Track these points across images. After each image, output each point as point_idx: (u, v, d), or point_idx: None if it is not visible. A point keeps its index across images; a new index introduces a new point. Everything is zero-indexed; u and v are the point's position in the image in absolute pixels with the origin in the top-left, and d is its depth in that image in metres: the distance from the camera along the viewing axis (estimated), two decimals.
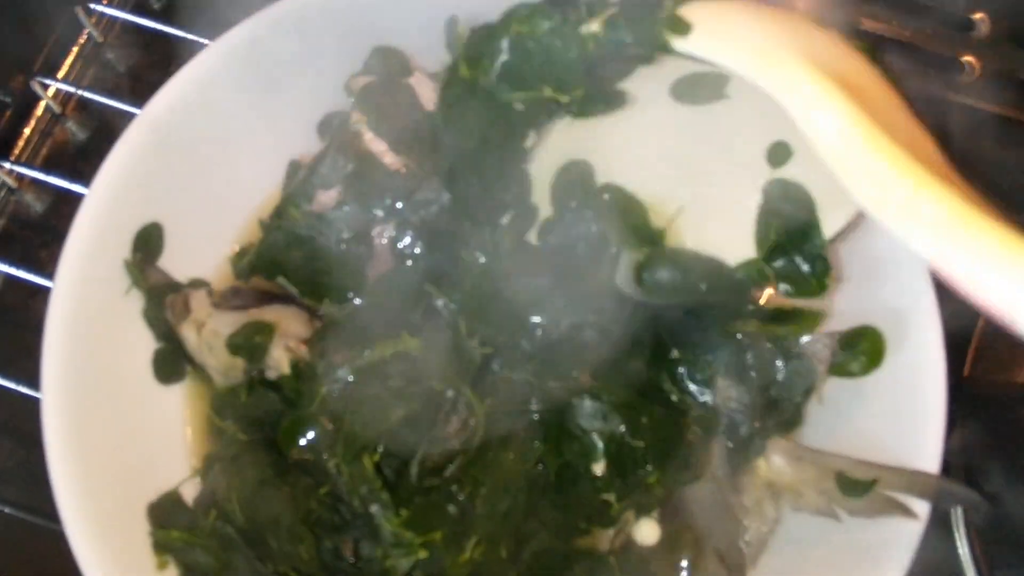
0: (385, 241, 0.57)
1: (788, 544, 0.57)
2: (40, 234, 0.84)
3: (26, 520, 0.72)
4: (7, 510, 0.71)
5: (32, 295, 0.81)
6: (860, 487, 0.54)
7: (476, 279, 0.54)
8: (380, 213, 0.56)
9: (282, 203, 0.59)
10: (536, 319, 0.54)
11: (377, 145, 0.58)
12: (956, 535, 0.68)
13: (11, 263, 0.79)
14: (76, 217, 0.57)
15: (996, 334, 0.70)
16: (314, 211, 0.57)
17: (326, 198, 0.57)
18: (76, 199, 0.82)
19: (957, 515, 0.67)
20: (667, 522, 0.56)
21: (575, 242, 0.55)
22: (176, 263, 0.62)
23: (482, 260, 0.54)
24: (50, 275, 0.78)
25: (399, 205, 0.56)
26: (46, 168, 0.84)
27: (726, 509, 0.58)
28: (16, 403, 0.74)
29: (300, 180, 0.58)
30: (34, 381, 0.73)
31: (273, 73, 0.63)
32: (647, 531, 0.56)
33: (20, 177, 0.84)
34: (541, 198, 0.57)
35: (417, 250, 0.56)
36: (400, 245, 0.56)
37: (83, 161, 0.86)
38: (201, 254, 0.64)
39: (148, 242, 0.59)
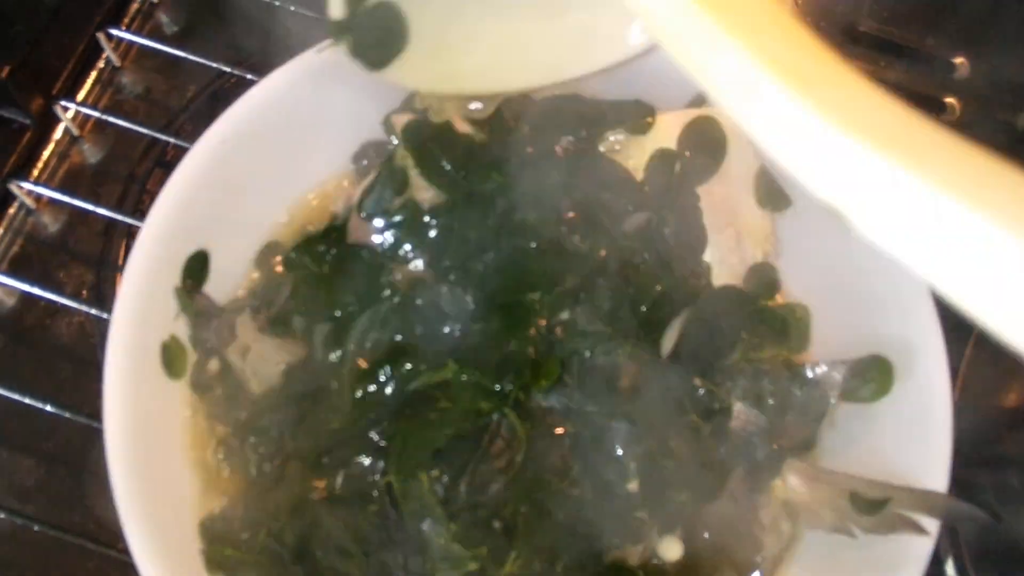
0: (430, 271, 0.60)
1: (804, 560, 0.61)
2: (57, 254, 0.85)
3: (50, 535, 0.73)
4: (35, 527, 0.73)
5: (51, 315, 0.83)
6: (873, 506, 0.58)
7: None
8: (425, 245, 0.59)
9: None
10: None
11: (419, 181, 0.61)
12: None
13: (30, 282, 0.80)
14: (134, 248, 0.59)
15: (983, 362, 0.75)
16: (361, 242, 0.60)
17: (373, 229, 0.60)
18: (92, 219, 0.85)
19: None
20: (688, 539, 0.59)
21: None
22: (217, 288, 0.65)
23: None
24: (68, 295, 0.81)
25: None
26: (63, 189, 0.85)
27: (744, 526, 0.61)
28: (37, 422, 0.76)
29: (346, 208, 0.61)
30: (54, 400, 0.74)
31: (316, 107, 0.65)
32: (671, 547, 0.59)
33: (38, 198, 0.85)
34: None
35: (462, 279, 0.59)
36: (446, 275, 0.59)
37: (98, 183, 0.88)
38: (239, 279, 0.66)
39: (196, 269, 0.62)
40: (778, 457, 0.61)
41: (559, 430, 0.57)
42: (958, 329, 0.76)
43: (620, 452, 0.57)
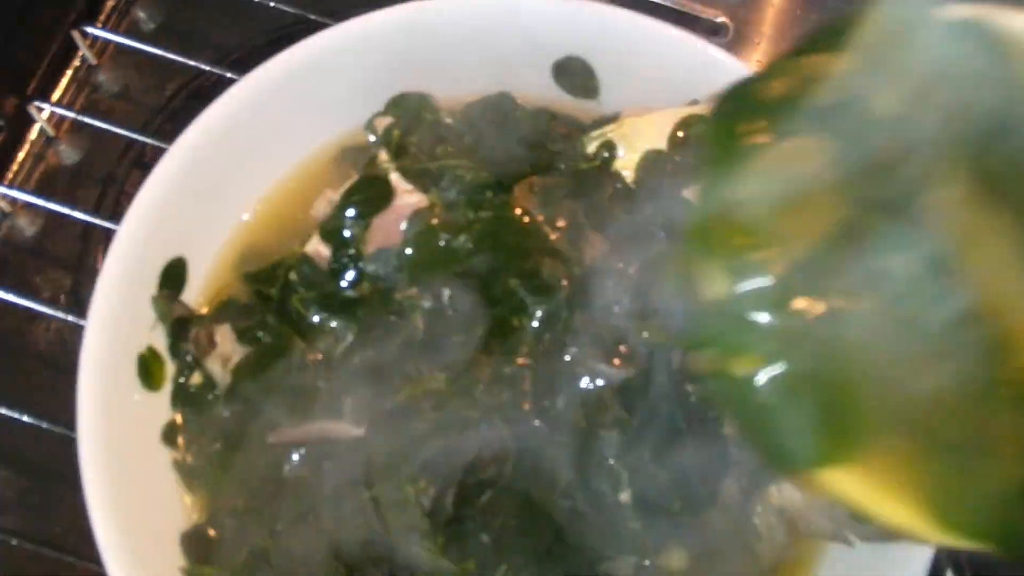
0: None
1: (801, 569, 0.60)
2: (34, 259, 0.83)
3: (28, 549, 0.71)
4: (12, 541, 0.71)
5: (28, 321, 0.81)
6: None
7: None
8: None
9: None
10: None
11: (402, 184, 0.59)
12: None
13: (5, 288, 0.78)
14: (108, 253, 0.57)
15: None
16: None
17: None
18: (69, 223, 0.83)
19: None
20: (692, 548, 0.58)
21: None
22: (196, 295, 0.63)
23: None
24: (44, 301, 0.79)
25: None
26: (39, 192, 0.83)
27: (738, 535, 0.60)
28: (14, 432, 0.74)
29: (328, 216, 0.59)
30: (32, 409, 0.73)
31: (298, 106, 0.64)
32: (676, 557, 0.58)
33: (13, 201, 0.83)
34: None
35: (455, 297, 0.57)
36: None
37: (76, 185, 0.86)
38: (219, 286, 0.64)
39: (174, 277, 0.60)
40: None
41: (550, 440, 0.56)
42: None
43: (612, 462, 0.56)
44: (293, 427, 0.57)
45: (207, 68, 0.86)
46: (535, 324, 0.56)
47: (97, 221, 0.81)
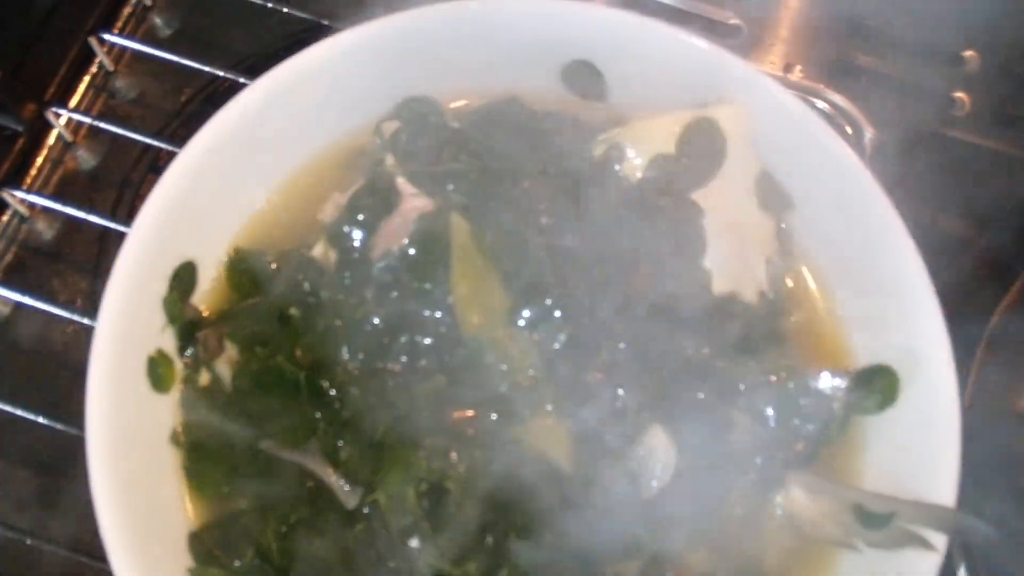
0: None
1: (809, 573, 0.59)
2: (52, 263, 0.84)
3: (43, 549, 0.72)
4: (27, 541, 0.72)
5: (45, 324, 0.82)
6: (878, 520, 0.56)
7: None
8: None
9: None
10: None
11: (408, 188, 0.60)
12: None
13: (24, 292, 0.79)
14: (118, 256, 0.57)
15: (994, 365, 0.73)
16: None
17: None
18: (87, 227, 0.83)
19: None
20: (699, 553, 0.58)
21: None
22: (205, 299, 0.64)
23: None
24: (62, 304, 0.79)
25: None
26: (57, 196, 0.84)
27: (746, 540, 0.60)
28: (31, 433, 0.75)
29: (335, 221, 0.59)
30: (48, 411, 0.73)
31: (305, 111, 0.64)
32: (683, 561, 0.57)
33: (31, 205, 0.84)
34: None
35: None
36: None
37: (93, 189, 0.87)
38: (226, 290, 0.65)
39: (184, 280, 0.60)
40: (781, 469, 0.60)
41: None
42: (968, 331, 0.75)
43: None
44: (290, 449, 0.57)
45: (222, 74, 0.86)
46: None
47: (114, 225, 0.82)
